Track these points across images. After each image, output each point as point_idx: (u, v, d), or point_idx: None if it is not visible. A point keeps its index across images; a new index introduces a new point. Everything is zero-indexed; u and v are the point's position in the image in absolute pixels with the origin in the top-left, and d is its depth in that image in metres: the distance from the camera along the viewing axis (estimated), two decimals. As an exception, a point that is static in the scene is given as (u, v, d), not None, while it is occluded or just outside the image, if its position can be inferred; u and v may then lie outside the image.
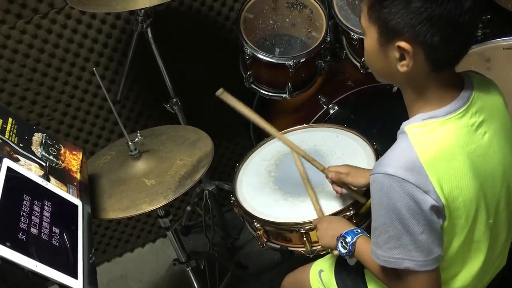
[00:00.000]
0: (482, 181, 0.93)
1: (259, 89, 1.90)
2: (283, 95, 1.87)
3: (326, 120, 1.86)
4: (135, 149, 1.40)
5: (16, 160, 1.03)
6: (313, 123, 1.85)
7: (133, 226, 2.38)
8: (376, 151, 1.44)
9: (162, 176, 1.35)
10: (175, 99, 1.84)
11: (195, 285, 1.83)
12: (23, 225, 0.90)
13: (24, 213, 0.93)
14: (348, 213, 1.27)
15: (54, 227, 0.97)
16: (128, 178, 1.38)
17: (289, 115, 2.10)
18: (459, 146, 0.90)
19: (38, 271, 0.85)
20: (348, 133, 1.57)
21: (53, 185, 1.08)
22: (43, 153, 1.15)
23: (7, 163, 0.99)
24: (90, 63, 1.93)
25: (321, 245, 1.23)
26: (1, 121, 1.10)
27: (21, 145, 1.10)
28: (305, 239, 1.28)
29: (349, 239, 1.09)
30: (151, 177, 1.35)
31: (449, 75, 0.92)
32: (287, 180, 1.47)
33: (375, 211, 0.93)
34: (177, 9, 1.97)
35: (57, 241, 0.96)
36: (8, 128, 1.10)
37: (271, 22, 1.97)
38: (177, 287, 2.19)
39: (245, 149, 1.60)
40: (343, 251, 1.10)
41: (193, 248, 2.34)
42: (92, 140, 2.10)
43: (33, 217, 0.94)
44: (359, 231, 1.11)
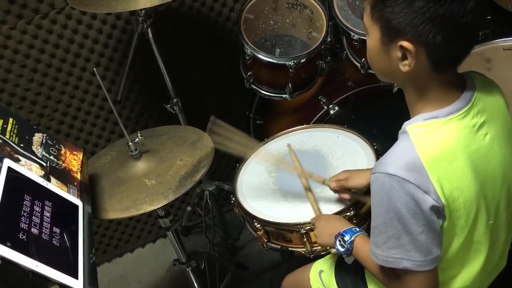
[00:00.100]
0: (482, 182, 0.93)
1: (259, 89, 1.90)
2: (284, 96, 1.87)
3: (326, 120, 1.86)
4: (136, 149, 1.40)
5: (16, 160, 1.03)
6: (313, 123, 1.85)
7: (133, 226, 2.38)
8: (376, 151, 1.45)
9: (162, 176, 1.35)
10: (175, 100, 1.84)
11: (195, 285, 1.83)
12: (23, 225, 0.90)
13: (24, 213, 0.93)
14: (348, 214, 1.27)
15: (54, 227, 0.97)
16: (128, 178, 1.38)
17: (290, 116, 2.10)
18: (460, 146, 0.90)
19: (38, 271, 0.85)
20: (348, 133, 1.57)
21: (54, 185, 1.07)
22: (44, 153, 1.15)
23: (7, 163, 0.99)
24: (90, 63, 1.93)
25: (318, 243, 1.23)
26: (1, 121, 1.10)
27: (22, 145, 1.10)
28: (305, 239, 1.28)
29: (347, 237, 1.09)
30: (151, 177, 1.35)
31: (451, 75, 0.92)
32: (287, 180, 1.47)
33: (375, 211, 0.93)
34: (177, 10, 1.97)
35: (58, 241, 0.96)
36: (8, 128, 1.10)
37: (271, 22, 1.97)
38: (177, 288, 2.20)
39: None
40: (341, 249, 1.10)
41: (193, 248, 2.34)
42: (92, 140, 2.10)
43: (33, 217, 0.94)
44: (358, 229, 1.11)
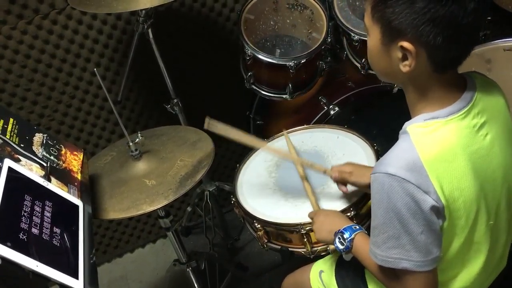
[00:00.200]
0: (482, 182, 0.93)
1: (259, 89, 1.90)
2: (284, 96, 1.87)
3: (326, 121, 1.86)
4: (136, 149, 1.40)
5: (17, 160, 1.03)
6: (313, 124, 1.85)
7: (134, 226, 2.38)
8: (376, 151, 1.45)
9: (162, 176, 1.35)
10: (175, 100, 1.84)
11: (196, 285, 1.83)
12: (24, 225, 0.90)
13: (25, 213, 0.93)
14: (348, 214, 1.27)
15: (55, 227, 0.97)
16: (128, 178, 1.38)
17: (290, 116, 2.10)
18: (461, 147, 0.90)
19: (38, 271, 0.85)
20: (348, 134, 1.57)
21: (54, 186, 1.08)
22: (44, 153, 1.15)
23: (8, 163, 0.99)
24: (91, 63, 1.93)
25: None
26: (2, 121, 1.10)
27: (22, 145, 1.10)
28: (305, 239, 1.28)
29: (347, 235, 1.08)
30: (151, 177, 1.35)
31: (451, 76, 0.92)
32: (287, 180, 1.47)
33: (375, 210, 0.93)
34: (178, 10, 1.97)
35: (58, 241, 0.96)
36: (9, 128, 1.10)
37: (271, 23, 1.97)
38: (177, 288, 2.19)
39: (246, 150, 1.60)
40: (341, 247, 1.09)
41: (194, 248, 2.34)
42: (92, 140, 2.10)
43: (34, 217, 0.94)
44: (358, 227, 1.10)
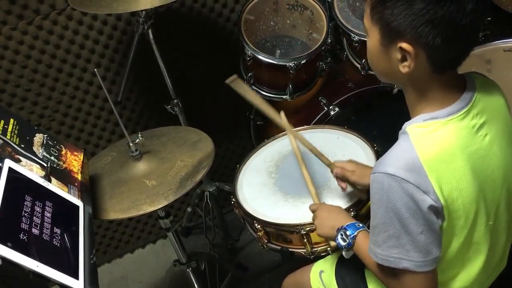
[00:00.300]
0: (482, 183, 0.93)
1: (259, 90, 1.90)
2: (284, 97, 1.87)
3: (326, 121, 1.86)
4: (136, 150, 1.40)
5: (17, 160, 1.03)
6: (313, 124, 1.85)
7: (134, 227, 2.38)
8: (376, 152, 1.45)
9: (162, 177, 1.35)
10: (175, 100, 1.84)
11: (196, 286, 1.83)
12: (24, 226, 0.90)
13: (25, 214, 0.93)
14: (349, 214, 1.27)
15: (55, 228, 0.97)
16: (129, 179, 1.38)
17: (290, 117, 2.08)
18: (460, 147, 0.90)
19: (39, 271, 0.85)
20: (348, 134, 1.57)
21: (54, 186, 1.08)
22: (44, 153, 1.15)
23: (8, 163, 0.99)
24: (91, 64, 1.93)
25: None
26: (2, 121, 1.10)
27: (23, 145, 1.10)
28: (305, 240, 1.28)
29: (350, 232, 1.08)
30: (151, 178, 1.35)
31: (451, 76, 0.92)
32: (287, 181, 1.47)
33: (375, 210, 0.93)
34: (178, 11, 1.97)
35: (58, 242, 0.96)
36: (9, 128, 1.10)
37: (271, 23, 1.97)
38: (177, 288, 2.19)
39: (246, 150, 1.60)
40: (343, 243, 1.09)
41: (194, 249, 2.34)
42: (93, 141, 2.10)
43: (34, 218, 0.94)
44: (361, 225, 1.10)
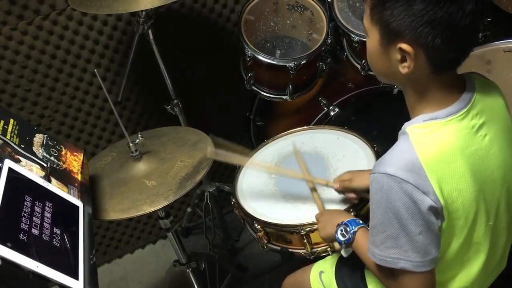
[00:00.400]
0: (482, 183, 0.93)
1: (259, 90, 1.90)
2: (284, 97, 1.87)
3: (326, 122, 1.86)
4: (136, 150, 1.40)
5: (17, 161, 1.03)
6: (313, 124, 1.85)
7: (134, 227, 2.38)
8: (376, 152, 1.45)
9: (162, 177, 1.35)
10: (176, 101, 1.84)
11: (195, 286, 1.83)
12: (24, 226, 0.90)
13: (25, 214, 0.93)
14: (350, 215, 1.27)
15: (55, 228, 0.97)
16: (128, 179, 1.38)
17: (290, 117, 2.10)
18: (459, 148, 0.90)
19: (38, 272, 0.85)
20: (348, 134, 1.57)
21: (54, 186, 1.08)
22: (44, 154, 1.15)
23: (8, 164, 0.99)
24: (91, 64, 1.94)
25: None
26: (2, 122, 1.10)
27: (22, 146, 1.10)
28: (305, 240, 1.28)
29: (350, 227, 1.09)
30: (151, 178, 1.35)
31: (450, 77, 0.92)
32: (287, 181, 1.47)
33: (374, 210, 0.93)
34: (178, 11, 1.97)
35: (58, 242, 0.96)
36: (9, 129, 1.10)
37: (272, 24, 1.97)
38: (177, 289, 2.19)
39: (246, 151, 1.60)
40: (342, 238, 1.10)
41: (194, 249, 2.34)
42: (93, 141, 2.10)
43: (34, 218, 0.94)
44: (361, 222, 1.11)
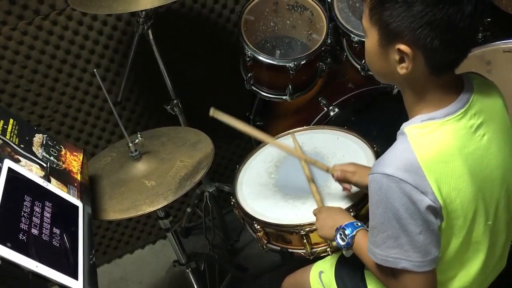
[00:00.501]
0: (480, 183, 0.93)
1: (259, 91, 1.90)
2: (284, 97, 1.87)
3: (326, 122, 1.86)
4: (136, 150, 1.40)
5: (17, 161, 1.03)
6: (313, 125, 1.85)
7: (133, 227, 2.38)
8: (376, 153, 1.45)
9: (162, 177, 1.35)
10: (175, 101, 1.84)
11: (195, 286, 1.83)
12: (23, 226, 0.90)
13: (24, 214, 0.93)
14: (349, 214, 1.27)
15: (54, 228, 0.97)
16: (128, 179, 1.38)
17: (290, 117, 2.10)
18: (457, 147, 0.90)
19: (38, 272, 0.86)
20: (348, 135, 1.57)
21: (54, 186, 1.08)
22: (44, 154, 1.15)
23: (8, 163, 0.99)
24: (91, 64, 1.94)
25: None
26: (2, 122, 1.10)
27: (22, 146, 1.10)
28: (305, 241, 1.28)
29: (348, 231, 1.08)
30: (151, 178, 1.36)
31: (449, 78, 0.92)
32: (287, 181, 1.47)
33: (373, 210, 0.93)
34: (178, 11, 1.98)
35: (58, 242, 0.96)
36: (9, 129, 1.10)
37: (271, 24, 1.97)
38: (177, 289, 2.19)
39: (245, 151, 1.60)
40: (342, 243, 1.09)
41: (193, 249, 2.34)
42: (92, 141, 2.10)
43: (33, 218, 0.94)
44: (359, 224, 1.10)
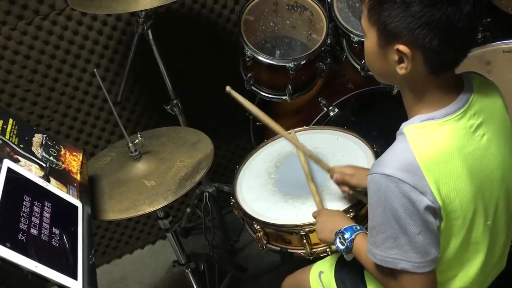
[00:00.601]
0: (480, 183, 0.93)
1: (259, 91, 1.90)
2: (283, 97, 1.87)
3: (326, 122, 1.86)
4: (135, 150, 1.40)
5: (16, 161, 1.03)
6: (313, 125, 1.85)
7: (133, 227, 2.38)
8: (376, 153, 1.45)
9: (162, 177, 1.35)
10: (175, 101, 1.84)
11: (195, 287, 1.83)
12: (23, 226, 0.90)
13: (24, 214, 0.93)
14: (348, 215, 1.26)
15: (54, 228, 0.97)
16: (128, 179, 1.38)
17: (290, 117, 2.10)
18: (457, 148, 0.90)
19: (37, 272, 0.86)
20: (348, 135, 1.57)
21: (53, 186, 1.08)
22: (44, 154, 1.15)
23: (7, 163, 0.99)
24: (90, 64, 1.94)
25: (319, 238, 1.23)
26: (1, 122, 1.10)
27: (22, 146, 1.10)
28: (305, 241, 1.28)
29: (347, 235, 1.08)
30: (151, 178, 1.35)
31: (448, 77, 0.92)
32: (287, 182, 1.47)
33: (373, 211, 0.93)
34: (177, 11, 1.98)
35: (57, 242, 0.96)
36: (8, 129, 1.10)
37: (271, 24, 1.97)
38: (177, 289, 2.19)
39: (245, 151, 1.60)
40: (341, 247, 1.10)
41: (193, 250, 2.34)
42: (92, 141, 2.10)
43: (33, 218, 0.94)
44: (358, 228, 1.10)
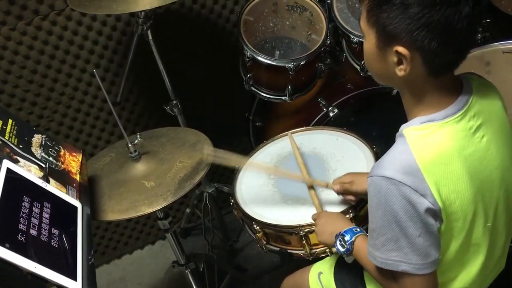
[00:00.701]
0: (479, 185, 0.93)
1: (259, 91, 1.90)
2: (283, 98, 1.87)
3: (326, 122, 1.86)
4: (135, 151, 1.40)
5: (15, 161, 1.03)
6: (312, 125, 1.85)
7: (132, 228, 2.38)
8: (375, 154, 1.45)
9: (161, 178, 1.35)
10: (175, 101, 1.84)
11: (194, 287, 1.83)
12: (22, 227, 0.90)
13: (23, 215, 0.93)
14: (347, 216, 1.26)
15: (53, 229, 0.97)
16: (127, 180, 1.38)
17: (289, 118, 2.10)
18: (456, 149, 0.90)
19: (37, 273, 0.85)
20: (347, 135, 1.57)
21: (53, 187, 1.08)
22: (43, 154, 1.15)
23: (6, 164, 0.99)
24: (90, 64, 1.93)
25: (319, 241, 1.23)
26: (1, 122, 1.10)
27: (21, 146, 1.10)
28: (304, 241, 1.28)
29: (347, 237, 1.09)
30: (150, 179, 1.35)
31: (447, 79, 0.92)
32: (286, 182, 1.47)
33: (373, 213, 0.93)
34: (177, 11, 1.98)
35: (56, 243, 0.96)
36: (8, 129, 1.10)
37: (271, 24, 1.97)
38: (176, 290, 2.19)
39: (245, 152, 1.60)
40: (342, 249, 1.10)
41: (192, 250, 2.34)
42: (92, 141, 2.10)
43: (32, 219, 0.94)
44: (358, 230, 1.10)
